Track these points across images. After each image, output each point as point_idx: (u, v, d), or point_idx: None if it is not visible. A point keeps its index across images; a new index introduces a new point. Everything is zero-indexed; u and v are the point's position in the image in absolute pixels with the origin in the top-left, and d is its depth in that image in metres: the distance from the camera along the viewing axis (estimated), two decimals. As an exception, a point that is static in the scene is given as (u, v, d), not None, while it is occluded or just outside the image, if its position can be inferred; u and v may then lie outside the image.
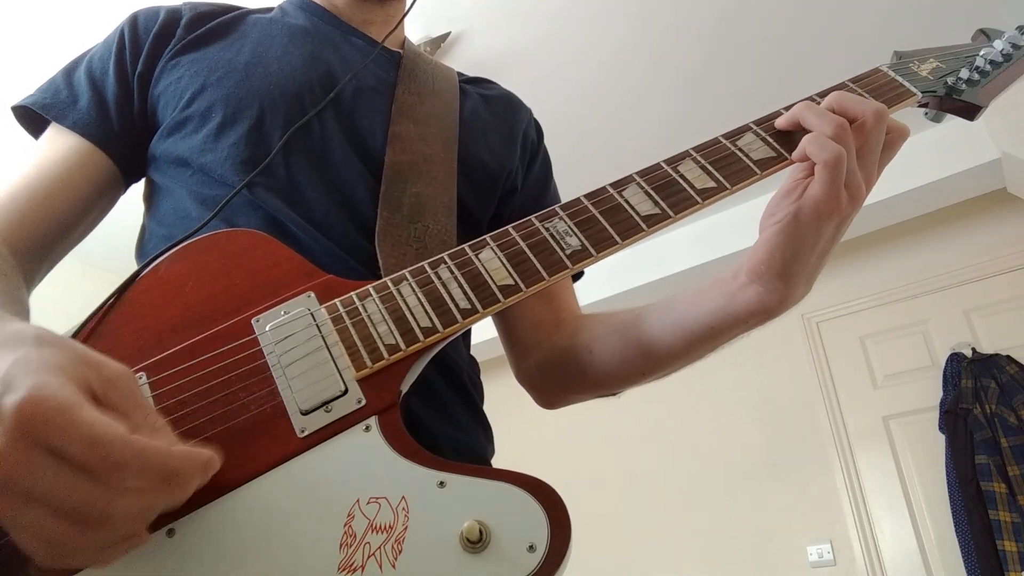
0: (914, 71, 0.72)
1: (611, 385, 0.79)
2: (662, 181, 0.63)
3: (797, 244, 0.57)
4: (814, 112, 0.61)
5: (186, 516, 0.50)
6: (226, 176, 0.71)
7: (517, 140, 0.90)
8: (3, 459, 0.37)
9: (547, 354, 0.84)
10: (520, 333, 0.88)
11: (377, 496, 0.50)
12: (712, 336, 0.66)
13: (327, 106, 0.76)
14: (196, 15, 0.82)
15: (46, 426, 0.37)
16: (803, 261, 0.58)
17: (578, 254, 0.60)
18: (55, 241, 0.74)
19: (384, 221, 0.71)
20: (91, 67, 0.79)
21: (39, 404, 0.37)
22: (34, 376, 0.39)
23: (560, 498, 0.49)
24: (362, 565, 0.47)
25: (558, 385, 0.85)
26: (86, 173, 0.75)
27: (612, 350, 0.75)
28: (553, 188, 0.96)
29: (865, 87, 0.70)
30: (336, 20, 0.87)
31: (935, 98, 0.72)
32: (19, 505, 0.38)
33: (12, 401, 0.37)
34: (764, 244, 0.58)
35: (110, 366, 0.44)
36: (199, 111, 0.74)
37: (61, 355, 0.42)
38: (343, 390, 0.54)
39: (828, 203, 0.56)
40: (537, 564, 0.47)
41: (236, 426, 0.53)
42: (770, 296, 0.59)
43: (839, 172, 0.56)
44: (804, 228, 0.56)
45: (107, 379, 0.43)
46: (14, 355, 0.41)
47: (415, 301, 0.58)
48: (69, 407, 0.38)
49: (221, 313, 0.58)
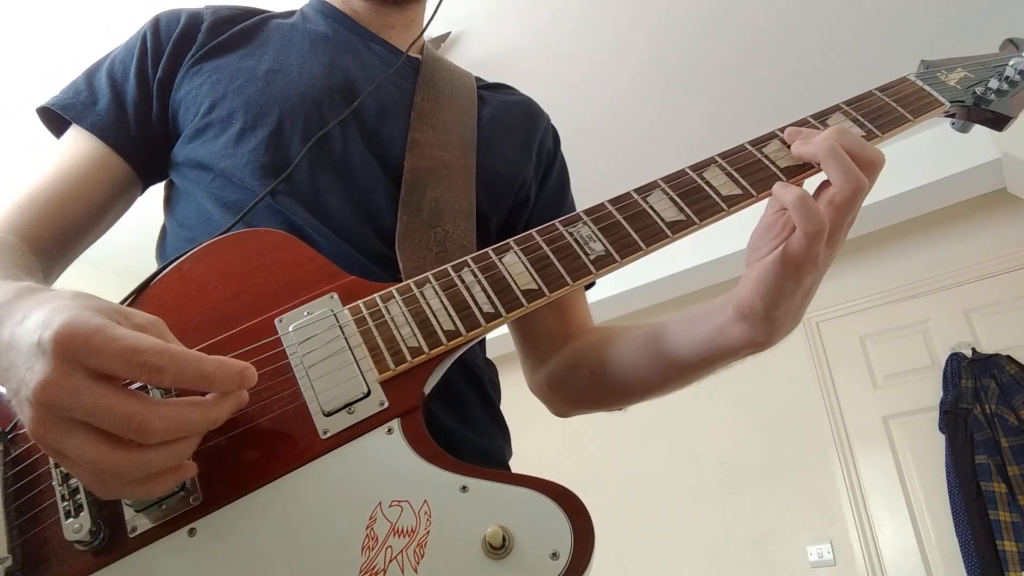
0: (942, 80, 0.72)
1: (614, 403, 0.82)
2: (688, 187, 0.63)
3: (778, 292, 0.58)
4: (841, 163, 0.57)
5: (208, 516, 0.50)
6: (246, 181, 0.71)
7: (533, 149, 0.90)
8: (49, 385, 0.40)
9: (554, 369, 0.85)
10: (532, 345, 0.89)
11: (399, 499, 0.50)
12: (705, 365, 0.68)
13: (348, 113, 0.76)
14: (218, 19, 0.82)
15: (85, 346, 0.41)
16: (786, 306, 0.59)
17: (602, 259, 0.60)
18: (73, 241, 0.75)
19: (404, 225, 0.71)
20: (112, 70, 0.80)
21: (75, 328, 0.41)
22: (69, 312, 0.42)
23: (583, 505, 0.49)
24: (384, 568, 0.47)
25: (564, 400, 0.86)
26: (103, 176, 0.76)
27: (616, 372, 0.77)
28: (570, 199, 0.96)
29: (892, 96, 0.69)
30: (356, 26, 0.87)
31: (963, 108, 0.71)
32: (65, 430, 0.41)
33: (49, 333, 0.41)
34: (748, 288, 0.60)
35: (140, 313, 0.48)
36: (220, 117, 0.74)
37: (95, 302, 0.46)
38: (366, 392, 0.54)
39: (809, 261, 0.56)
40: (560, 571, 0.46)
41: (259, 426, 0.53)
42: (757, 335, 0.61)
43: (820, 238, 0.56)
44: (784, 280, 0.57)
45: (139, 324, 0.46)
46: (53, 304, 0.45)
47: (438, 304, 0.58)
48: (103, 327, 0.41)
49: (245, 313, 0.58)
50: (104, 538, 0.49)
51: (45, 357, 0.41)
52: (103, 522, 0.49)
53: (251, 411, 0.53)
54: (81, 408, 0.41)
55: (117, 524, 0.49)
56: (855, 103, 0.68)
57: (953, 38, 2.53)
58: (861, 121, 0.66)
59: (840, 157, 0.57)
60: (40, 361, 0.41)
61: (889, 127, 0.66)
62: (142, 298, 0.60)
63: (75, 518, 0.48)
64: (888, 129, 0.66)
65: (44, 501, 0.51)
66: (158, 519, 0.49)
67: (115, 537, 0.49)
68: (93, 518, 0.48)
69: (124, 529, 0.49)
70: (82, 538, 0.48)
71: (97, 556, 0.49)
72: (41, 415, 0.41)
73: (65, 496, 0.49)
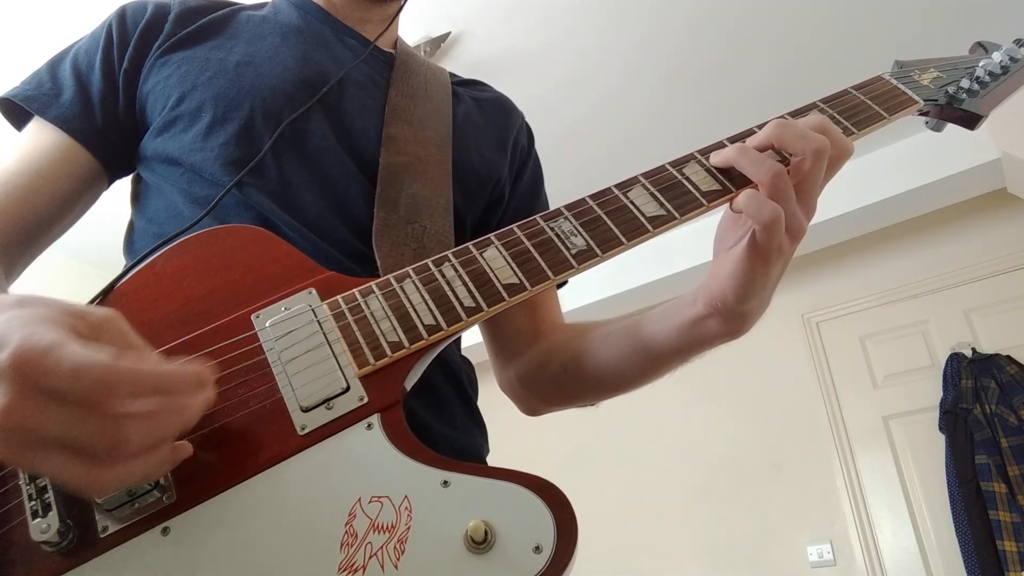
0: (915, 80, 0.74)
1: (586, 398, 0.82)
2: (668, 183, 0.63)
3: (749, 286, 0.59)
4: (749, 158, 0.59)
5: (181, 515, 0.49)
6: (216, 176, 0.70)
7: (508, 147, 0.90)
8: (10, 411, 0.39)
9: (526, 366, 0.85)
10: (502, 342, 0.89)
11: (379, 495, 0.49)
12: (680, 356, 0.70)
13: (319, 107, 0.75)
14: (186, 10, 0.81)
15: (37, 370, 0.39)
16: (757, 297, 0.61)
17: (584, 254, 0.60)
18: (35, 236, 0.73)
19: (381, 221, 0.71)
20: (76, 61, 0.78)
21: (27, 351, 0.39)
22: (22, 329, 0.40)
23: (566, 498, 0.49)
24: (364, 565, 0.47)
25: (535, 396, 0.86)
26: (67, 169, 0.74)
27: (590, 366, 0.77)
28: (543, 197, 0.96)
29: (868, 94, 0.70)
30: (329, 18, 0.86)
31: (936, 107, 0.74)
32: (37, 452, 0.40)
33: (5, 356, 0.39)
34: (719, 284, 0.61)
35: (96, 312, 0.45)
36: (189, 110, 0.73)
37: (45, 310, 0.44)
38: (345, 387, 0.53)
39: (771, 253, 0.58)
40: (543, 566, 0.46)
41: (235, 422, 0.52)
42: (731, 325, 0.63)
43: (778, 228, 0.56)
44: (754, 274, 0.59)
45: (94, 324, 0.44)
46: (2, 317, 0.42)
47: (418, 299, 0.58)
48: (53, 347, 0.39)
49: (221, 309, 0.58)
50: (73, 538, 0.47)
51: (3, 381, 0.39)
52: (72, 522, 0.48)
53: (227, 407, 0.52)
54: (48, 430, 0.39)
55: (87, 524, 0.48)
56: (831, 100, 0.69)
57: (935, 35, 2.52)
58: (837, 118, 0.67)
59: (790, 126, 0.59)
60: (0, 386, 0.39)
61: (865, 124, 0.68)
62: (115, 295, 0.59)
63: (43, 518, 0.47)
64: (864, 126, 0.68)
65: (10, 501, 0.49)
66: (130, 518, 0.48)
67: (85, 537, 0.48)
68: (62, 518, 0.47)
69: (95, 529, 0.48)
70: (50, 539, 0.46)
71: (66, 557, 0.47)
72: (7, 438, 0.40)
73: (32, 495, 0.48)
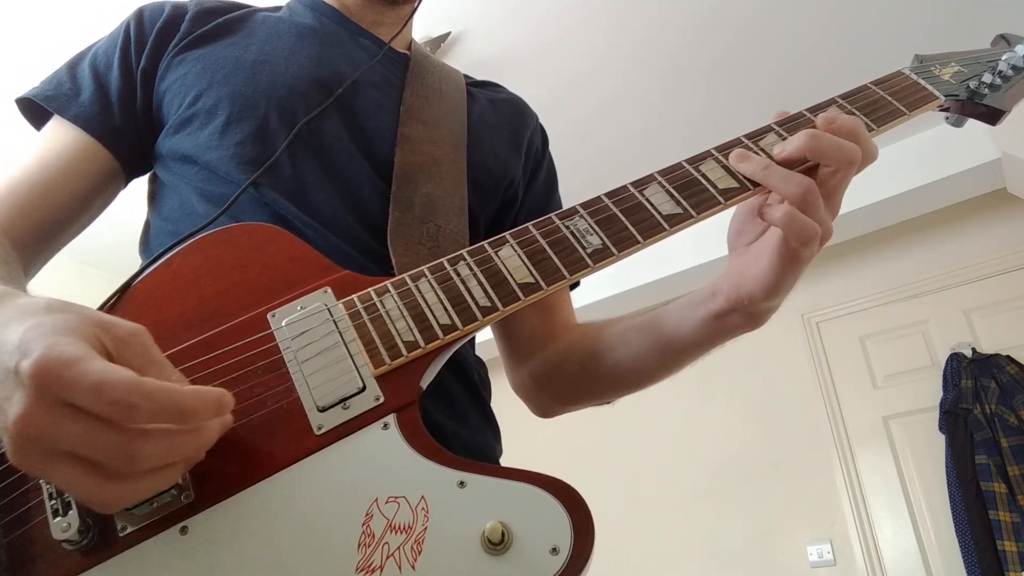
0: (936, 75, 0.72)
1: (605, 395, 0.82)
2: (684, 180, 0.62)
3: (780, 287, 0.60)
4: (777, 176, 0.59)
5: (200, 514, 0.49)
6: (231, 174, 0.70)
7: (522, 148, 0.90)
8: (27, 419, 0.39)
9: (539, 366, 0.85)
10: (516, 343, 0.89)
11: (396, 495, 0.49)
12: (701, 349, 0.70)
13: (334, 107, 0.75)
14: (202, 10, 0.82)
15: (58, 381, 0.39)
16: (784, 295, 0.62)
17: (599, 253, 0.59)
18: (54, 234, 0.74)
19: (396, 221, 0.71)
20: (95, 61, 0.79)
21: (51, 362, 0.39)
22: (46, 339, 0.41)
23: (583, 500, 0.48)
24: (381, 566, 0.46)
25: (550, 396, 0.86)
26: (86, 167, 0.75)
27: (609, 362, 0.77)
28: (557, 199, 0.96)
29: (887, 89, 0.69)
30: (345, 20, 0.86)
31: (957, 102, 0.72)
32: (50, 462, 0.40)
33: (27, 364, 0.39)
34: (743, 282, 0.61)
35: (121, 325, 0.45)
36: (204, 108, 0.73)
37: (72, 318, 0.44)
38: (361, 387, 0.53)
39: (804, 261, 0.58)
40: (560, 567, 0.45)
41: (252, 422, 0.52)
42: (753, 319, 0.64)
43: (816, 242, 0.57)
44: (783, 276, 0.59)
45: (120, 338, 0.44)
46: (28, 323, 0.43)
47: (434, 298, 0.57)
48: (77, 360, 0.40)
49: (236, 307, 0.57)
50: (93, 537, 0.47)
51: (23, 389, 0.39)
52: (92, 520, 0.48)
53: (244, 407, 0.52)
54: (63, 440, 0.40)
55: (107, 522, 0.48)
56: (850, 96, 0.68)
57: (948, 31, 2.52)
58: (856, 114, 0.66)
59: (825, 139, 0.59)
60: (18, 392, 0.40)
61: (884, 120, 0.66)
62: (130, 294, 0.59)
63: (63, 516, 0.47)
64: (884, 122, 0.66)
65: (30, 500, 0.50)
66: (149, 517, 0.48)
67: (105, 536, 0.48)
68: (82, 516, 0.47)
69: (114, 528, 0.48)
70: (70, 537, 0.46)
71: (86, 555, 0.47)
72: (22, 446, 0.40)
73: (52, 494, 0.48)
